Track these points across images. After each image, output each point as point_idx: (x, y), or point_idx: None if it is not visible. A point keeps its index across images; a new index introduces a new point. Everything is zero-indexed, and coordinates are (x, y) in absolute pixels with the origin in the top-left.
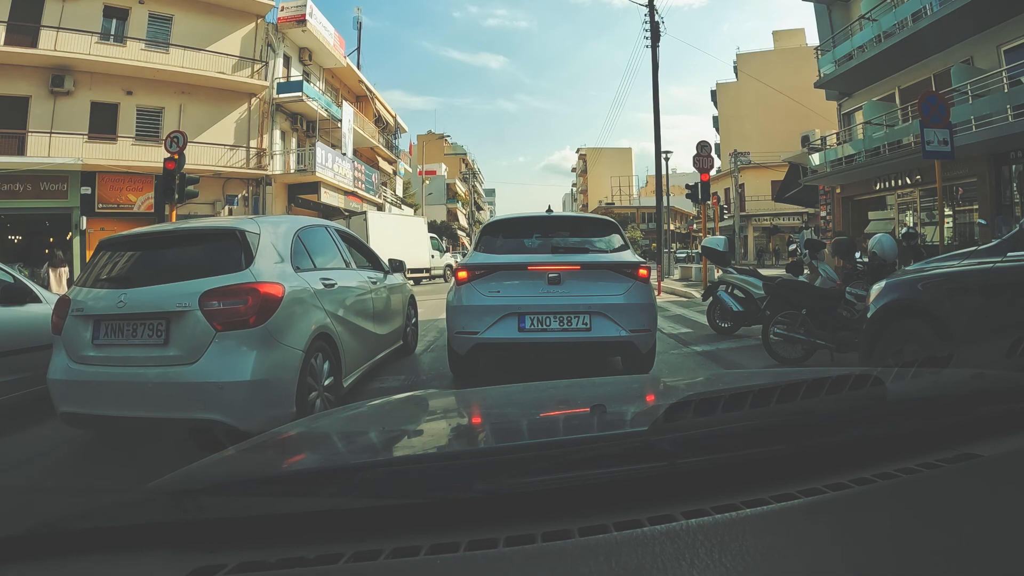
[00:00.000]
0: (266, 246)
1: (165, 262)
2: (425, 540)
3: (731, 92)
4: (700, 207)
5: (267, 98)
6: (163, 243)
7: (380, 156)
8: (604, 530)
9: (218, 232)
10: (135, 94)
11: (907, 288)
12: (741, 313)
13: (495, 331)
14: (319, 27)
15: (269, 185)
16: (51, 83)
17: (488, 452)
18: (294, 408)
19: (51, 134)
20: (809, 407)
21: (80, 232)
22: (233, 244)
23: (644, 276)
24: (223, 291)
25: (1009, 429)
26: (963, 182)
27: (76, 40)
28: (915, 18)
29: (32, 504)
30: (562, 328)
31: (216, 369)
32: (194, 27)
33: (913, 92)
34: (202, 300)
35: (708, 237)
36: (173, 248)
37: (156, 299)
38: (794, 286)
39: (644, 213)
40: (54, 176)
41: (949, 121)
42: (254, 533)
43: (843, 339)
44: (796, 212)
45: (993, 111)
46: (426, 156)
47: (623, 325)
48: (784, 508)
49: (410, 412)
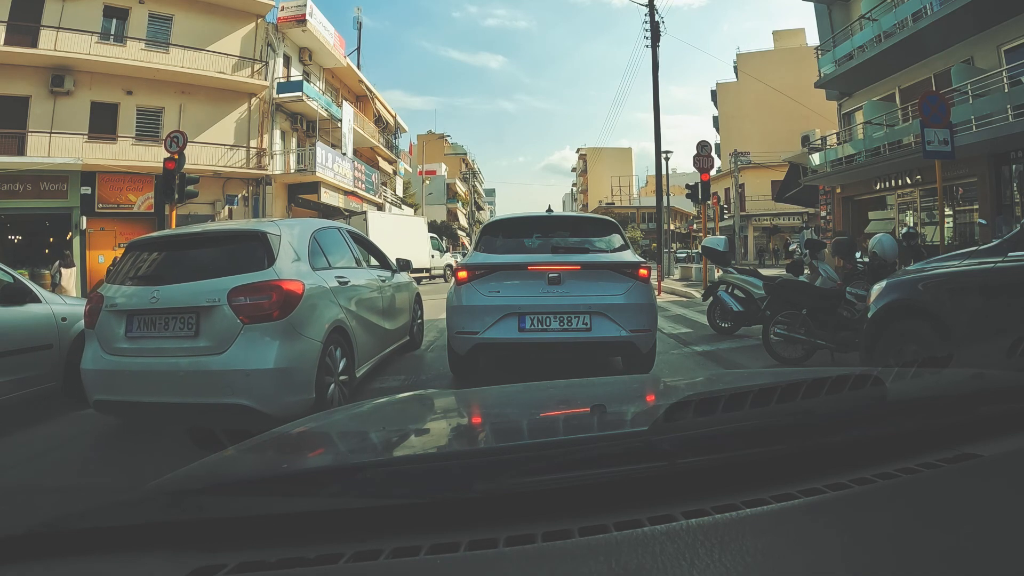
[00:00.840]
0: (286, 247)
1: (193, 261)
2: (425, 540)
3: (731, 92)
4: (700, 207)
5: (267, 98)
6: (191, 244)
7: (380, 156)
8: (604, 530)
9: (242, 234)
10: (135, 94)
11: (908, 288)
12: (741, 313)
13: (495, 331)
14: (319, 27)
15: (269, 185)
16: (51, 83)
17: (488, 452)
18: (313, 394)
19: (51, 134)
20: (809, 407)
21: (80, 232)
22: (256, 245)
23: (644, 276)
24: (249, 288)
25: (1009, 429)
26: (963, 182)
27: (76, 40)
28: (915, 18)
29: (32, 504)
30: (562, 328)
31: (243, 358)
32: (194, 27)
33: (913, 92)
34: (230, 296)
35: (708, 237)
36: (200, 248)
37: (187, 295)
38: (795, 286)
39: (644, 213)
40: (54, 176)
41: (949, 121)
42: (254, 533)
43: (844, 339)
44: (796, 212)
45: (993, 111)
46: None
47: (623, 325)
48: (784, 508)
49: (410, 412)
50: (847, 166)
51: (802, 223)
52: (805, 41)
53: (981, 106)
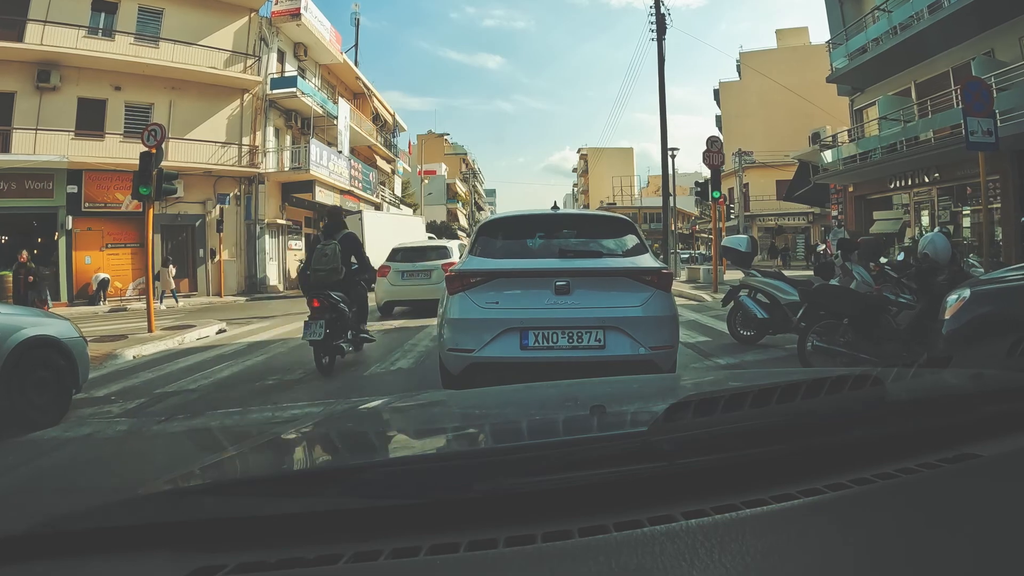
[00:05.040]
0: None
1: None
2: (425, 540)
3: (734, 91)
4: (710, 204)
5: (260, 94)
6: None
7: (378, 155)
8: (604, 530)
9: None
10: (123, 89)
11: (1008, 299)
12: (766, 320)
13: (493, 348)
14: (314, 21)
15: (262, 184)
16: (37, 78)
17: (488, 452)
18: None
19: (37, 131)
20: (809, 407)
21: (66, 232)
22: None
23: (666, 283)
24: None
25: (1009, 429)
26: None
27: (63, 34)
28: (932, 10)
29: (32, 504)
30: (571, 346)
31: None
32: (185, 21)
33: (930, 87)
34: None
35: (728, 236)
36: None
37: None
38: (834, 292)
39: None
40: (39, 174)
41: (993, 109)
42: (254, 533)
43: (889, 352)
44: (801, 212)
45: (1016, 105)
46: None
47: (642, 342)
48: (784, 508)
49: (410, 413)
50: (861, 163)
51: (807, 223)
52: (809, 40)
53: (1004, 100)
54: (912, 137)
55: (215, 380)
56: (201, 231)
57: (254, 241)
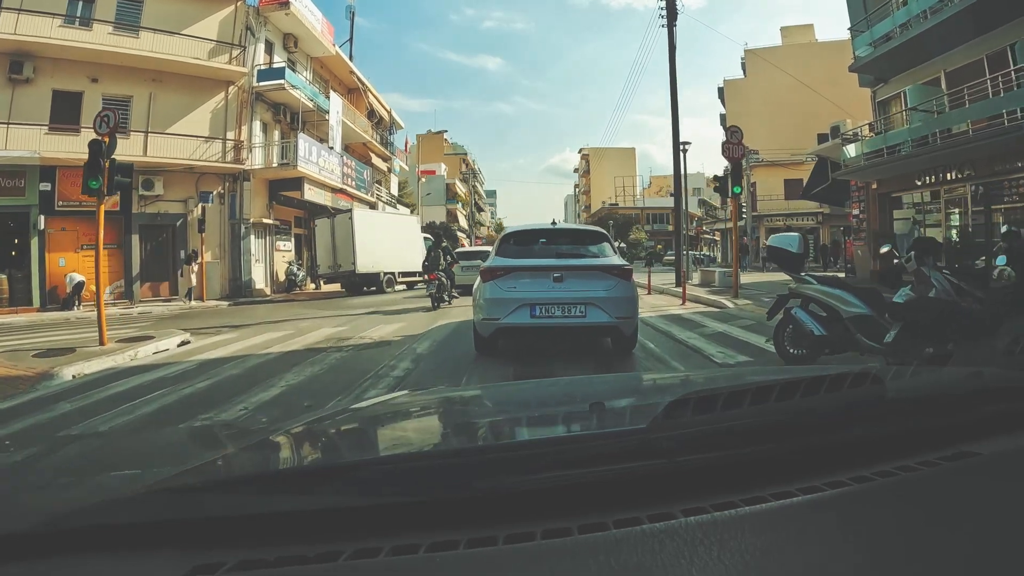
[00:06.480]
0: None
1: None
2: (424, 538)
3: (739, 89)
4: (716, 205)
5: (246, 86)
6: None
7: (374, 152)
8: (604, 528)
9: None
10: (101, 81)
11: None
12: (823, 338)
13: (513, 317)
14: (305, 11)
15: (248, 181)
16: (9, 69)
17: (487, 450)
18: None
19: (8, 125)
20: (809, 405)
21: (39, 232)
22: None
23: (627, 275)
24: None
25: (1008, 428)
26: (1019, 176)
27: (38, 23)
28: None
29: (33, 502)
30: (564, 315)
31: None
32: (167, 9)
33: (961, 76)
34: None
35: (776, 235)
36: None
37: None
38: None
39: (648, 214)
40: (10, 171)
41: None
42: (254, 531)
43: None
44: (810, 212)
45: None
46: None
47: (610, 313)
48: (783, 506)
49: (410, 411)
50: (889, 158)
51: (816, 222)
52: (815, 37)
53: None
54: (945, 129)
55: (138, 416)
56: (182, 231)
57: (239, 242)
